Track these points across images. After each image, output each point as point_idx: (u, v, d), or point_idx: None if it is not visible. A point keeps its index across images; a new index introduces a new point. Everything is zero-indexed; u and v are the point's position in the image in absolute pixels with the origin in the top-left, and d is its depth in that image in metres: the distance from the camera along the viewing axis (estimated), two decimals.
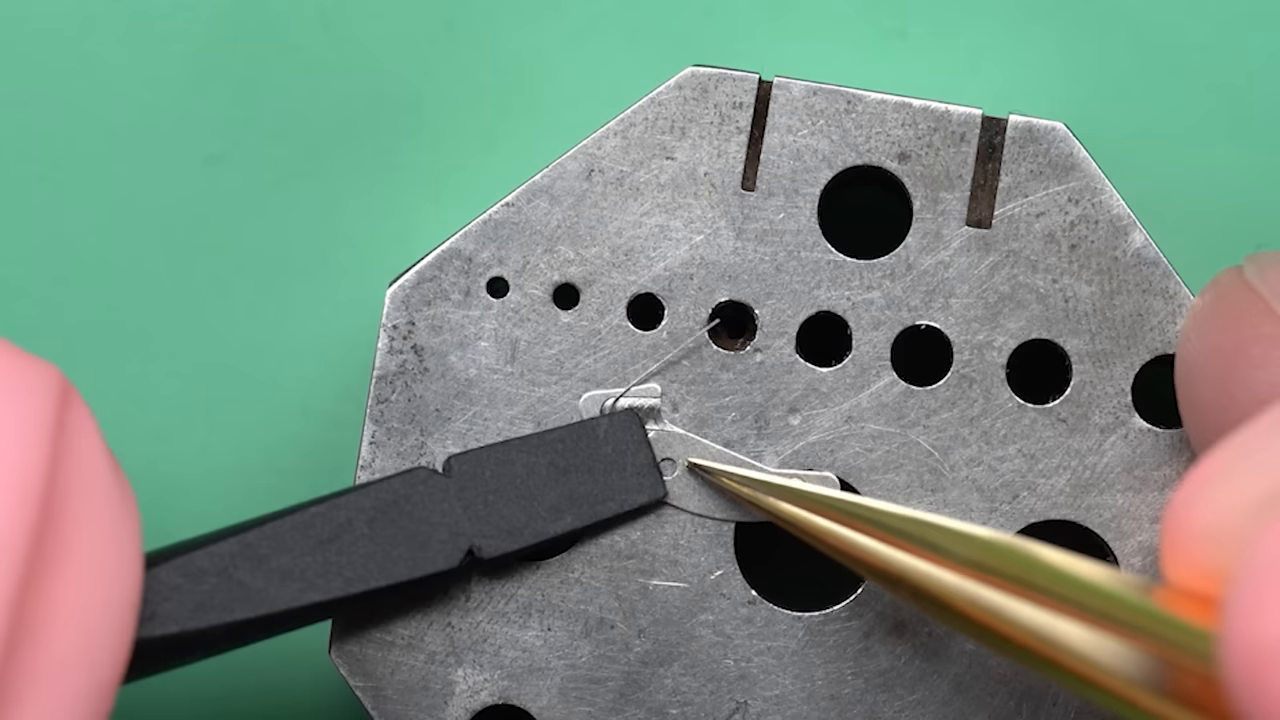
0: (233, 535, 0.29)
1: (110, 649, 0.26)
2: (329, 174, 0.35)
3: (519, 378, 0.32)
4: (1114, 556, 0.31)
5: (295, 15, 0.35)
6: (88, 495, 0.26)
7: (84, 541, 0.26)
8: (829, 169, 0.32)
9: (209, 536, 0.29)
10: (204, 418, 0.35)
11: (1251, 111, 0.35)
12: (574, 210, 0.32)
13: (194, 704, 0.34)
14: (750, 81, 0.32)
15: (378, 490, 0.30)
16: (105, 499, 0.26)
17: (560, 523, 0.31)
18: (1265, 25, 0.35)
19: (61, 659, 0.25)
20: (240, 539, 0.29)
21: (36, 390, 0.26)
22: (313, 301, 0.35)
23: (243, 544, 0.29)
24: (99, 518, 0.26)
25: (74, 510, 0.25)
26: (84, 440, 0.26)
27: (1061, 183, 0.32)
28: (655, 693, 0.31)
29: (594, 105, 0.35)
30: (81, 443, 0.26)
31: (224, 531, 0.29)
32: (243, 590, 0.29)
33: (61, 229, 0.35)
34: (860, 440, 0.31)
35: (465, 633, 0.31)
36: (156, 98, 0.35)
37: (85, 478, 0.26)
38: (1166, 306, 0.31)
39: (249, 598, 0.29)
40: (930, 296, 0.32)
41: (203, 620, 0.28)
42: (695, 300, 0.32)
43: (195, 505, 0.35)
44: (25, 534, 0.25)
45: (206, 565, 0.29)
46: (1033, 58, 0.35)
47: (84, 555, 0.25)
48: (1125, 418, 0.31)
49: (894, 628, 0.31)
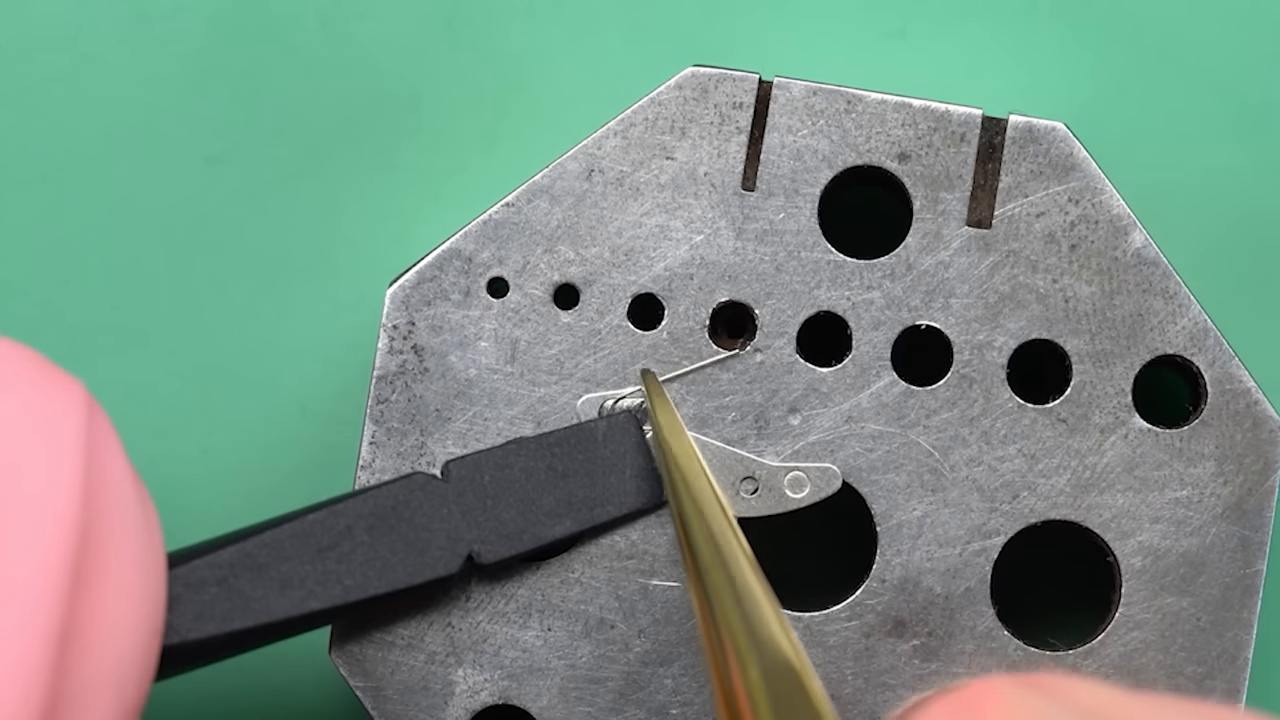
0: (232, 544, 0.29)
1: (139, 668, 0.26)
2: (329, 174, 0.35)
3: (519, 378, 0.32)
4: (1114, 556, 0.31)
5: (295, 15, 0.35)
6: (117, 514, 0.26)
7: (114, 562, 0.25)
8: (829, 169, 0.32)
9: (208, 544, 0.29)
10: (204, 418, 0.35)
11: (1251, 111, 0.35)
12: (574, 210, 0.32)
13: (195, 704, 0.34)
14: (750, 81, 0.32)
15: (376, 496, 0.30)
16: (133, 517, 0.26)
17: (559, 527, 0.31)
18: (1265, 25, 0.35)
19: (97, 681, 0.25)
20: (239, 548, 0.29)
21: (69, 412, 0.25)
22: (313, 301, 0.35)
23: (242, 553, 0.29)
24: (128, 536, 0.26)
25: (105, 531, 0.25)
26: (110, 458, 0.26)
27: (1061, 183, 0.32)
28: (655, 693, 0.31)
29: (594, 105, 0.35)
30: (108, 461, 0.26)
31: (223, 539, 0.29)
32: (243, 599, 0.29)
33: (62, 229, 0.35)
34: (860, 440, 0.31)
35: (465, 633, 0.31)
36: (156, 98, 0.35)
37: (114, 497, 0.26)
38: (1166, 306, 0.31)
39: (249, 607, 0.29)
40: (930, 296, 0.32)
41: (203, 630, 0.28)
42: (695, 300, 0.32)
43: (195, 505, 0.35)
44: (67, 563, 0.25)
45: (206, 575, 0.29)
46: (1033, 58, 0.35)
47: (115, 575, 0.25)
48: (1125, 418, 0.31)
49: (894, 628, 0.31)
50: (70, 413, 0.25)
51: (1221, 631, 0.31)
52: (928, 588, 0.31)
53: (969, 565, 0.31)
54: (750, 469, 0.31)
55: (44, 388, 0.26)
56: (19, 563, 0.24)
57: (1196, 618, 0.31)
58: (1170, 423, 0.32)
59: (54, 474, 0.25)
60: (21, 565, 0.24)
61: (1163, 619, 0.31)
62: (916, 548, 0.31)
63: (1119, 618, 0.31)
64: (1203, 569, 0.31)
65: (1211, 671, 0.31)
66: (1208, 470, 0.31)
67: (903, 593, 0.31)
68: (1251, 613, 0.31)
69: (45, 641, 0.24)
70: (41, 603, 0.24)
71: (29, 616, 0.24)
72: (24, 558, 0.24)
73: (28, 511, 0.24)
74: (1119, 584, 0.31)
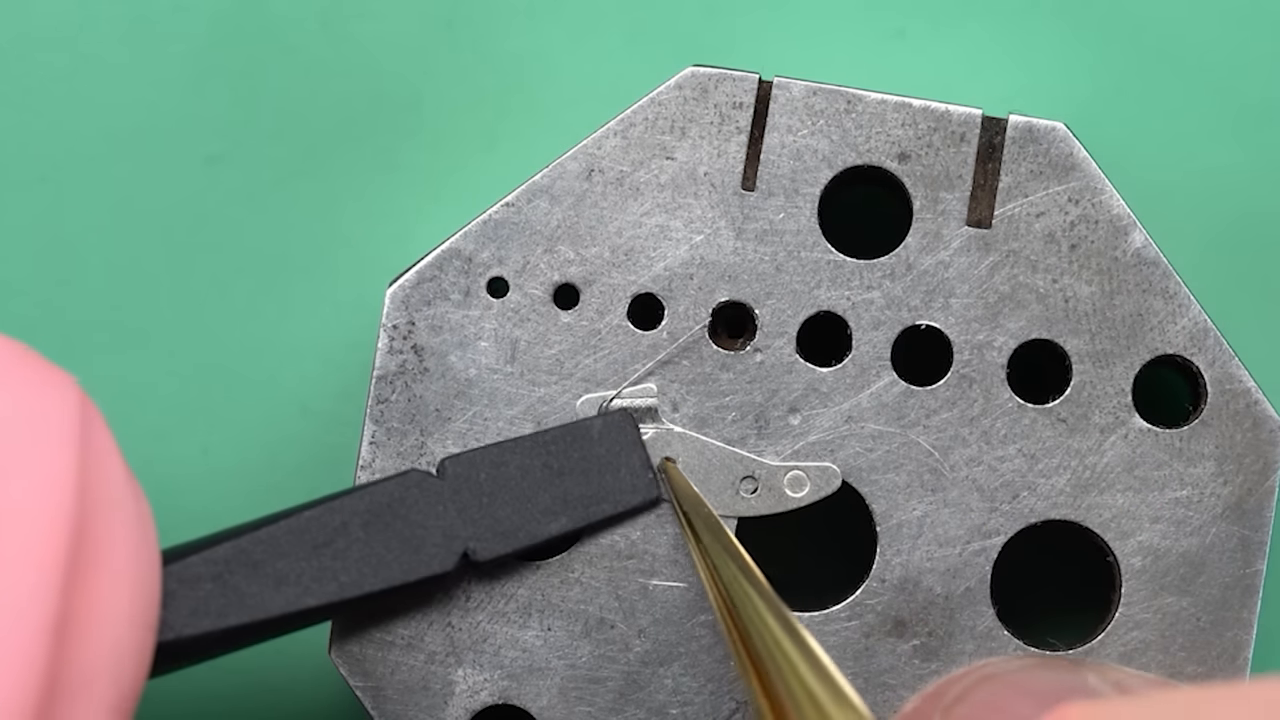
0: (227, 540, 0.29)
1: (135, 660, 0.26)
2: (329, 174, 0.35)
3: (519, 378, 0.32)
4: (1114, 556, 0.31)
5: (295, 15, 0.35)
6: (111, 507, 0.26)
7: (108, 554, 0.26)
8: (829, 169, 0.32)
9: (203, 541, 0.29)
10: (204, 418, 0.35)
11: (1251, 111, 0.35)
12: (574, 210, 0.32)
13: (195, 703, 0.34)
14: (750, 81, 0.32)
15: (372, 493, 0.30)
16: (127, 509, 0.26)
17: (555, 525, 0.31)
18: (1265, 25, 0.35)
19: (93, 672, 0.25)
20: (235, 544, 0.29)
21: (62, 407, 0.26)
22: (313, 301, 0.35)
23: (237, 549, 0.29)
24: (122, 529, 0.26)
25: (99, 523, 0.25)
26: (104, 452, 0.26)
27: (1061, 183, 0.32)
28: (655, 693, 0.31)
29: (594, 105, 0.35)
30: (102, 455, 0.26)
31: (218, 536, 0.29)
32: (238, 596, 0.29)
33: (62, 229, 0.35)
34: (860, 440, 0.31)
35: (465, 633, 0.31)
36: (156, 98, 0.35)
37: (107, 490, 0.26)
38: (1166, 306, 0.31)
39: (245, 603, 0.29)
40: (930, 296, 0.32)
41: (199, 626, 0.28)
42: (695, 300, 0.32)
43: (195, 505, 0.35)
44: (62, 555, 0.25)
45: (202, 571, 0.29)
46: (1033, 58, 0.35)
47: (109, 568, 0.25)
48: (1125, 418, 0.31)
49: (894, 628, 0.31)
50: (63, 407, 0.25)
51: (1221, 631, 0.31)
52: (928, 588, 0.31)
53: (969, 565, 0.31)
54: (750, 468, 0.31)
55: (37, 383, 0.26)
56: (15, 556, 0.24)
57: (1196, 618, 0.31)
58: (1170, 423, 0.32)
59: (48, 468, 0.25)
60: (17, 559, 0.24)
61: (1163, 619, 0.31)
62: (916, 548, 0.31)
63: (1119, 618, 0.31)
64: (1203, 569, 0.31)
65: (1211, 671, 0.31)
66: (1208, 470, 0.31)
67: (903, 593, 0.31)
68: (1251, 613, 0.31)
69: (41, 634, 0.24)
70: (37, 595, 0.24)
71: (25, 609, 0.24)
72: (19, 551, 0.24)
73: (23, 505, 0.25)
74: (1119, 584, 0.31)
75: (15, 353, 0.26)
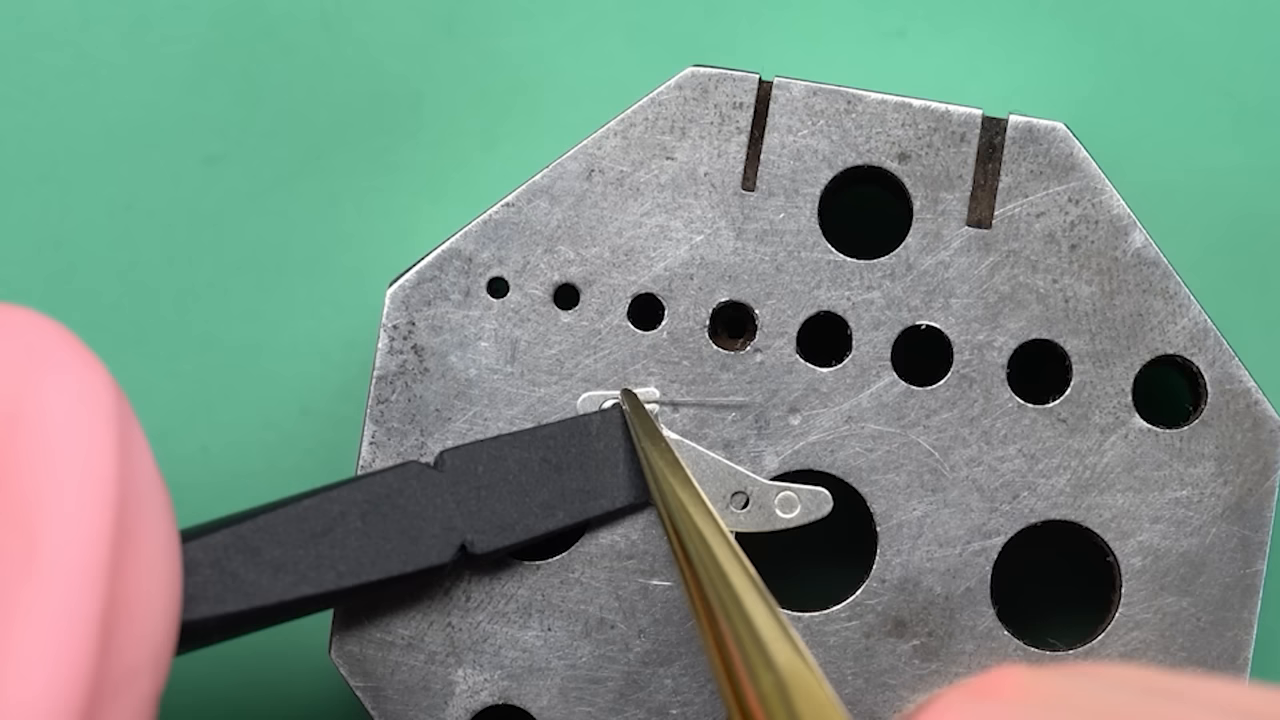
0: (225, 527, 0.29)
1: (169, 652, 0.26)
2: (329, 174, 0.35)
3: (519, 378, 0.32)
4: (1114, 556, 0.31)
5: (295, 15, 0.35)
6: (146, 495, 0.26)
7: (145, 543, 0.25)
8: (829, 169, 0.32)
9: (201, 528, 0.29)
10: (204, 418, 0.35)
11: (1251, 111, 0.35)
12: (574, 210, 0.32)
13: (194, 702, 0.34)
14: (750, 81, 0.32)
15: (370, 484, 0.30)
16: (159, 497, 0.26)
17: (552, 519, 0.31)
18: (1265, 25, 0.35)
19: (137, 667, 0.25)
20: (233, 530, 0.29)
21: (107, 391, 0.25)
22: (313, 301, 0.35)
23: (235, 536, 0.29)
24: (155, 516, 0.26)
25: (136, 511, 0.25)
26: (136, 438, 0.26)
27: (1061, 183, 0.32)
28: (655, 693, 0.31)
29: (594, 105, 0.35)
30: (135, 442, 0.26)
31: (216, 523, 0.29)
32: (236, 582, 0.29)
33: (62, 229, 0.35)
34: (860, 440, 0.31)
35: (465, 633, 0.31)
36: (156, 98, 0.35)
37: (141, 477, 0.26)
38: (1166, 306, 0.31)
39: (242, 590, 0.29)
40: (930, 296, 0.32)
41: (195, 612, 0.28)
42: (695, 300, 0.32)
43: (195, 505, 0.35)
44: (107, 543, 0.25)
45: (200, 557, 0.29)
46: (1033, 58, 0.35)
47: (146, 556, 0.25)
48: (1125, 418, 0.31)
49: (894, 628, 0.31)
50: (106, 396, 0.25)
51: (1221, 631, 0.31)
52: (928, 588, 0.31)
53: (969, 565, 0.31)
54: (742, 484, 0.31)
55: (86, 368, 0.25)
56: (65, 544, 0.24)
57: (1196, 618, 0.31)
58: (1170, 423, 0.32)
59: (95, 455, 0.25)
60: (68, 547, 0.24)
61: (1163, 619, 0.31)
62: (916, 548, 0.31)
63: (1119, 618, 0.31)
64: (1203, 569, 0.31)
65: (1211, 671, 0.31)
66: (1208, 470, 0.31)
67: (903, 593, 0.31)
68: (1251, 613, 0.31)
69: (90, 624, 0.24)
70: (86, 584, 0.24)
71: (75, 598, 0.24)
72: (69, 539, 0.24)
73: (71, 492, 0.24)
74: (1119, 584, 0.31)
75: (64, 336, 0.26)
